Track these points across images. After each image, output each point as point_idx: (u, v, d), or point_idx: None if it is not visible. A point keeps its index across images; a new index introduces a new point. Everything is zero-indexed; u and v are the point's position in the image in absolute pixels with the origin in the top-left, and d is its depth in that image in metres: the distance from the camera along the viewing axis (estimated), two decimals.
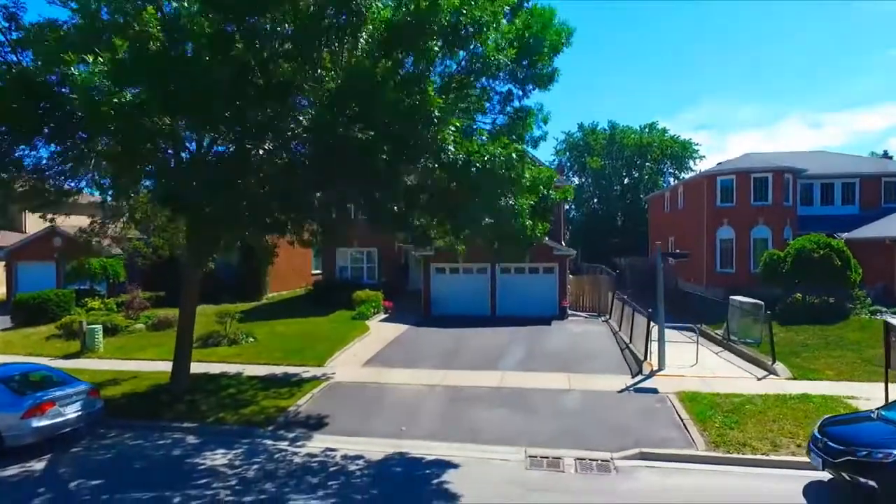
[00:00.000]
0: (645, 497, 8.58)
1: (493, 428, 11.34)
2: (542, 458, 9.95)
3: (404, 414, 12.23)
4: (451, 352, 17.82)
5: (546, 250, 24.07)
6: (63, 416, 10.47)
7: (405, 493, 8.59)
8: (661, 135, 54.97)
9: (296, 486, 8.89)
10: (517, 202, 8.88)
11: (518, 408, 12.46)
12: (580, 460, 9.82)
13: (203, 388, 13.81)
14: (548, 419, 11.75)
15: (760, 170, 26.21)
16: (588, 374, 14.97)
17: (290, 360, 16.63)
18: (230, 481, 9.11)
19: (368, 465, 9.71)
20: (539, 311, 23.56)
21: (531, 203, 9.37)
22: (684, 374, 14.71)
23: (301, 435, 11.22)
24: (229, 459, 10.04)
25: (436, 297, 24.86)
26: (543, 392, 13.51)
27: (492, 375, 14.96)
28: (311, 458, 10.06)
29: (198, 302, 14.53)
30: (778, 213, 25.99)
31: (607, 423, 11.39)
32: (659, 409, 12.22)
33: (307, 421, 11.98)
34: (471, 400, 13.08)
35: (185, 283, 13.76)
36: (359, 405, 12.91)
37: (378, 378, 14.93)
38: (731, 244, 26.68)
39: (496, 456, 10.07)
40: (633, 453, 10.05)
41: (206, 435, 11.32)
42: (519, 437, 10.78)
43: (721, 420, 11.17)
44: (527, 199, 9.21)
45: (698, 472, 9.38)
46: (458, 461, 9.82)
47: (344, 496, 8.47)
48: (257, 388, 13.99)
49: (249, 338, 19.27)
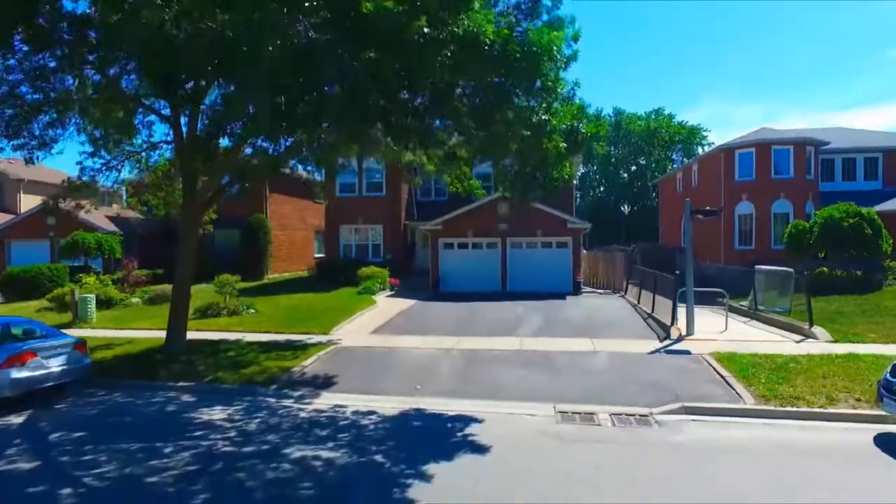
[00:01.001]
0: (700, 447, 7.61)
1: (516, 386, 10.38)
2: (574, 413, 8.98)
3: (418, 374, 11.27)
4: (463, 321, 16.85)
5: (559, 223, 23.11)
6: (45, 370, 9.53)
7: (427, 445, 7.61)
8: (668, 121, 54.00)
9: (302, 437, 7.93)
10: (551, 119, 7.91)
11: (541, 368, 11.49)
12: (616, 415, 8.85)
13: (200, 351, 12.85)
14: (575, 378, 10.78)
15: (781, 141, 25.21)
16: (612, 339, 14.01)
17: (294, 329, 15.66)
18: (229, 433, 8.15)
19: (383, 420, 8.75)
20: (552, 287, 22.58)
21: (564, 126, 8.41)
22: (716, 339, 13.73)
23: (307, 393, 10.26)
24: (228, 414, 9.08)
25: (444, 273, 23.88)
26: (567, 354, 12.55)
27: (510, 341, 13.99)
28: (318, 414, 9.10)
29: (195, 265, 13.54)
30: (800, 187, 24.99)
31: (641, 381, 10.41)
32: (695, 368, 11.23)
33: (313, 380, 11.02)
34: (489, 361, 12.11)
35: (181, 244, 12.81)
36: (368, 367, 11.95)
37: (387, 343, 13.97)
38: (750, 220, 25.68)
39: (523, 411, 9.11)
40: (675, 408, 9.08)
41: (202, 393, 10.38)
42: (546, 395, 9.83)
43: (766, 377, 10.20)
44: (559, 121, 8.25)
45: (750, 426, 8.40)
46: (482, 416, 8.86)
47: (357, 448, 7.50)
48: (258, 352, 13.02)
49: (250, 309, 18.32)
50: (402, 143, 8.29)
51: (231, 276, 18.42)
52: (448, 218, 23.80)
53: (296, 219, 33.43)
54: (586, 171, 57.05)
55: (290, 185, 31.94)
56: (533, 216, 23.17)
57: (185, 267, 12.82)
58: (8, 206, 34.59)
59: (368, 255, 27.01)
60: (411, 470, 6.65)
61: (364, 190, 27.09)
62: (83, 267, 24.15)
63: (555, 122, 8.04)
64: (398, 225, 27.01)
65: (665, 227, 38.63)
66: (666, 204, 39.00)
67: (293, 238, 33.11)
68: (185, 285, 12.75)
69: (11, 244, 28.04)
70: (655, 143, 53.35)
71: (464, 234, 23.86)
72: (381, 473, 6.65)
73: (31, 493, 6.15)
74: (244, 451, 7.37)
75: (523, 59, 6.74)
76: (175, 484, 6.32)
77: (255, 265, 28.14)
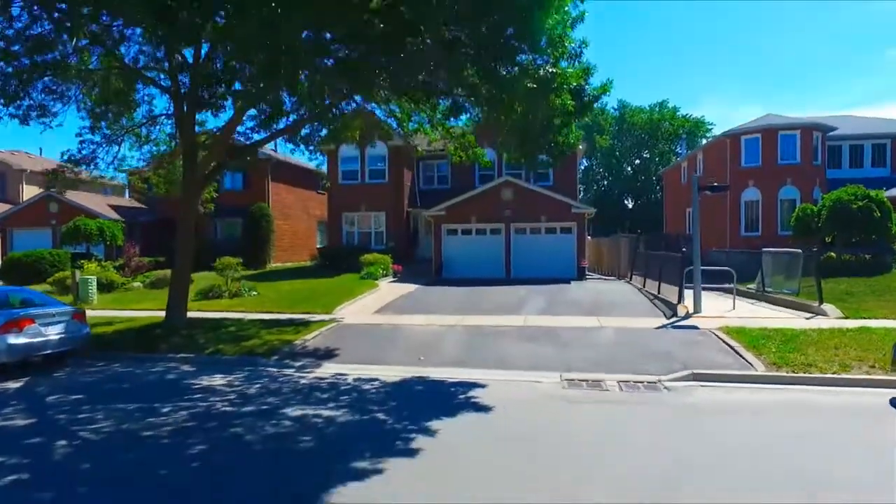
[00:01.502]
0: (710, 407, 7.42)
1: (521, 357, 10.20)
2: (581, 380, 8.79)
3: (421, 347, 11.10)
4: (467, 303, 16.66)
5: (563, 208, 22.91)
6: (43, 337, 9.40)
7: (430, 406, 7.43)
8: (673, 113, 53.67)
9: (303, 399, 7.77)
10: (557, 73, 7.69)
11: (547, 341, 11.30)
12: (624, 382, 8.65)
13: (201, 327, 12.71)
14: (581, 350, 10.58)
15: (787, 126, 24.93)
16: (619, 317, 13.81)
17: (295, 309, 15.50)
18: (229, 396, 7.99)
19: (385, 385, 8.58)
20: (556, 273, 22.36)
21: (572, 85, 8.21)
22: (724, 316, 13.51)
23: (309, 363, 10.10)
24: (228, 381, 8.93)
25: (447, 259, 23.71)
26: (573, 329, 12.36)
27: (514, 318, 13.80)
28: (319, 381, 8.94)
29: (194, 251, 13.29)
30: (807, 173, 24.71)
31: (648, 352, 10.20)
32: (703, 340, 11.03)
33: (315, 352, 10.86)
34: (494, 336, 11.93)
35: (181, 218, 12.66)
36: (371, 341, 11.79)
37: (390, 321, 13.80)
38: (756, 206, 25.42)
39: (528, 379, 8.92)
40: (684, 374, 8.88)
41: (203, 364, 10.24)
42: (552, 365, 9.64)
43: (777, 347, 9.98)
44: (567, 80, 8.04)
45: (761, 391, 8.20)
46: (486, 383, 8.67)
47: (359, 408, 7.33)
48: (260, 328, 12.87)
49: (252, 292, 18.19)
50: (406, 88, 8.05)
51: (233, 259, 18.27)
52: (451, 204, 23.63)
53: (299, 209, 33.31)
54: (590, 165, 56.78)
55: (293, 176, 31.86)
56: (537, 201, 23.02)
57: (184, 241, 12.68)
58: (11, 198, 34.60)
59: (371, 242, 26.84)
60: (414, 426, 6.48)
61: (367, 177, 26.92)
62: (85, 254, 24.06)
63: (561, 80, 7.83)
64: (401, 212, 26.84)
65: (670, 217, 38.36)
66: (671, 194, 38.73)
67: (296, 228, 32.98)
68: (186, 260, 12.61)
69: (13, 233, 28.00)
70: (659, 136, 53.03)
71: (467, 220, 23.68)
72: (383, 429, 6.48)
73: (28, 444, 6.01)
74: (243, 411, 7.21)
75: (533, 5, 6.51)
76: (170, 437, 6.17)
77: (257, 254, 27.98)
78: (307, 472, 5.22)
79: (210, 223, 29.72)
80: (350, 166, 27.03)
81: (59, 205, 27.01)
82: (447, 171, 28.87)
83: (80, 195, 26.97)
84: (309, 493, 4.66)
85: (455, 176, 28.27)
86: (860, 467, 5.23)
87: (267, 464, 5.40)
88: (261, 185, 29.34)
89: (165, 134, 14.07)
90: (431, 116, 11.36)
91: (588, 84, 9.31)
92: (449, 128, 11.73)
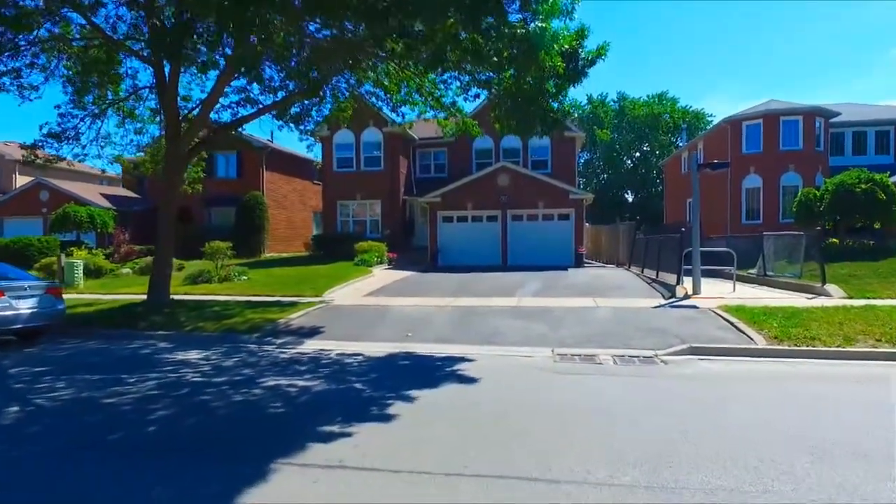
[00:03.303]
0: (707, 377, 7.03)
1: (512, 333, 9.81)
2: (573, 355, 8.40)
3: (410, 325, 10.72)
4: (461, 287, 16.26)
5: (561, 194, 22.50)
6: (14, 311, 9.02)
7: (412, 377, 7.05)
8: (672, 104, 53.14)
9: (279, 371, 7.38)
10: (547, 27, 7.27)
11: (540, 319, 10.90)
12: (619, 356, 8.26)
13: (184, 306, 12.36)
14: (575, 326, 10.18)
15: (790, 111, 24.47)
16: (615, 299, 13.41)
17: (285, 293, 15.11)
18: (202, 368, 7.62)
19: (368, 360, 8.19)
20: (554, 261, 21.96)
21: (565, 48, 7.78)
22: (723, 297, 13.10)
23: (291, 340, 9.72)
24: (205, 356, 8.55)
25: (443, 246, 23.31)
26: (567, 309, 11.96)
27: (508, 300, 13.40)
28: (300, 355, 8.56)
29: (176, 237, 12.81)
30: (809, 159, 24.27)
31: (645, 329, 9.80)
32: (701, 318, 10.62)
33: (298, 331, 10.47)
34: (486, 314, 11.54)
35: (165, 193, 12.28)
36: (359, 320, 11.41)
37: (381, 303, 13.42)
38: (758, 193, 24.98)
39: (518, 354, 8.53)
40: (681, 348, 8.48)
41: (181, 341, 9.85)
42: (544, 341, 9.25)
43: (778, 322, 9.57)
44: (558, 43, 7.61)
45: (764, 363, 7.80)
46: (474, 357, 8.29)
47: (337, 378, 6.95)
48: (245, 308, 12.49)
49: (242, 276, 17.80)
50: (383, 37, 7.60)
51: (222, 244, 17.89)
52: (447, 190, 23.22)
53: (295, 199, 32.92)
54: (590, 159, 56.29)
55: (289, 165, 31.45)
56: (534, 187, 22.60)
57: (167, 217, 12.30)
58: (4, 187, 34.26)
59: (367, 230, 26.45)
60: (392, 394, 6.09)
61: (362, 164, 26.51)
62: (75, 241, 23.69)
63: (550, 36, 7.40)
64: (397, 200, 26.43)
65: (670, 209, 37.95)
66: (671, 186, 38.29)
67: (292, 218, 32.59)
68: (169, 236, 12.23)
69: (4, 221, 27.64)
70: (659, 128, 52.50)
71: (463, 207, 23.27)
72: (360, 397, 6.09)
73: None
74: (214, 381, 6.83)
75: None
76: (133, 404, 5.79)
77: (251, 243, 27.58)
78: (271, 435, 4.83)
79: (203, 211, 29.37)
80: (345, 153, 26.63)
81: (51, 193, 26.65)
82: (444, 159, 28.46)
83: (72, 184, 26.64)
84: (267, 454, 4.26)
85: (452, 163, 27.86)
86: (867, 428, 4.83)
87: (228, 428, 5.02)
88: (255, 173, 28.94)
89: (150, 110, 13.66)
90: (420, 85, 10.94)
91: (583, 47, 8.89)
92: (438, 97, 11.32)
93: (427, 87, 10.94)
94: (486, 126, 28.00)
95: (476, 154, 27.80)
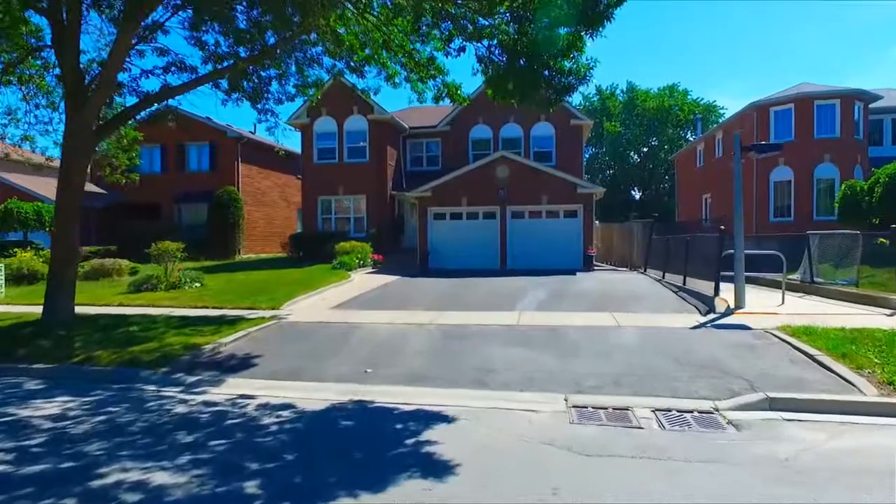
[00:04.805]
0: (828, 470, 4.38)
1: (510, 368, 7.19)
2: (597, 408, 5.80)
3: (375, 353, 8.11)
4: (450, 297, 13.66)
5: (567, 188, 19.84)
6: None
7: (350, 460, 4.45)
8: (683, 97, 50.41)
9: (151, 444, 4.78)
10: None
11: (547, 346, 8.28)
12: (663, 412, 5.66)
13: (92, 325, 9.74)
14: (594, 358, 7.56)
15: (825, 95, 21.75)
16: (639, 314, 10.78)
17: (237, 304, 12.52)
18: (33, 437, 5.00)
19: (299, 417, 5.59)
20: (559, 263, 19.34)
21: None
22: (776, 313, 10.49)
23: (208, 379, 7.11)
24: (66, 409, 5.94)
25: (434, 247, 20.67)
26: (581, 329, 9.33)
27: (505, 315, 10.78)
28: (205, 408, 5.95)
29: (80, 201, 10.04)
30: (847, 148, 21.57)
31: (689, 362, 7.19)
32: (762, 344, 8.00)
33: (225, 362, 7.86)
34: (475, 338, 8.92)
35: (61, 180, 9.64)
36: (310, 345, 8.80)
37: (348, 319, 10.80)
38: (788, 187, 22.30)
39: (518, 405, 5.93)
40: (753, 400, 5.86)
41: (58, 379, 7.26)
42: (553, 380, 6.66)
43: (877, 356, 6.96)
44: None
45: (887, 429, 5.18)
46: (455, 413, 5.69)
47: (229, 465, 4.35)
48: (172, 328, 9.87)
49: (195, 283, 15.21)
50: None
51: (173, 244, 15.29)
52: (439, 184, 20.58)
53: (275, 195, 30.31)
54: (595, 154, 53.56)
55: (269, 158, 28.73)
56: (537, 180, 19.98)
57: (66, 207, 9.67)
58: None
59: (351, 229, 23.83)
60: None
61: (345, 156, 23.87)
62: (22, 242, 21.09)
63: None
64: (384, 195, 23.79)
65: (683, 205, 35.28)
66: (684, 180, 35.61)
67: (272, 216, 29.99)
68: (67, 238, 9.63)
69: None
70: (669, 122, 49.74)
71: (457, 203, 20.62)
72: None
73: None
74: (22, 473, 4.21)
75: None
76: None
77: (224, 243, 25.00)
78: None
79: (171, 208, 26.78)
80: (326, 143, 23.99)
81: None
82: (437, 151, 25.84)
83: (22, 177, 24.00)
84: None
85: (446, 155, 25.25)
86: None
87: None
88: (230, 166, 26.33)
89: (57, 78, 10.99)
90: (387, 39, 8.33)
91: None
92: (411, 50, 8.70)
93: (397, 40, 8.34)
94: (484, 114, 25.53)
95: (472, 145, 25.19)
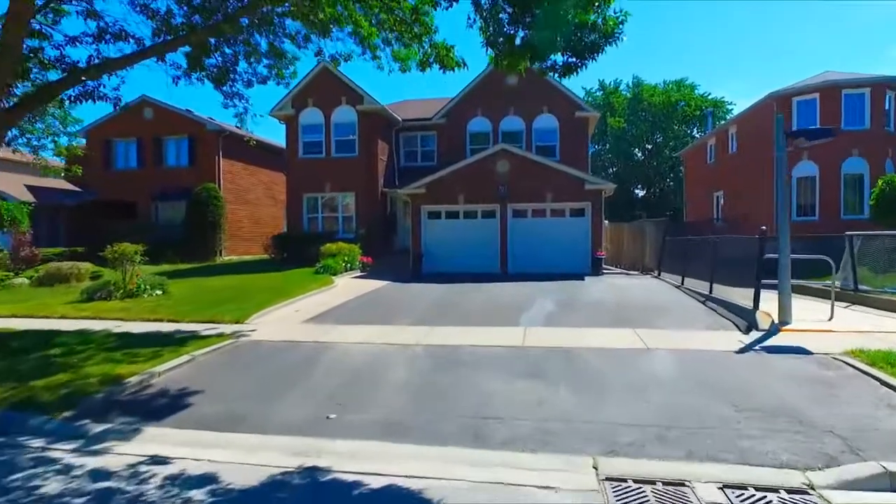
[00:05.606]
0: None
1: (515, 417, 5.46)
2: (640, 480, 4.10)
3: (344, 387, 6.39)
4: (445, 305, 11.95)
5: (574, 184, 18.12)
6: None
7: None
8: (690, 91, 48.69)
9: None
10: None
11: (562, 378, 6.55)
12: (736, 490, 3.94)
13: (2, 346, 7.99)
14: (626, 399, 5.83)
15: (853, 83, 20.04)
16: (667, 330, 9.07)
17: (197, 317, 10.80)
18: None
19: (221, 496, 3.86)
20: (565, 267, 17.63)
21: None
22: (831, 329, 8.80)
23: (119, 428, 5.38)
24: None
25: (428, 249, 18.94)
26: (604, 353, 7.61)
27: (508, 333, 9.05)
28: (87, 483, 4.22)
29: None
30: (878, 141, 19.87)
31: (751, 406, 5.47)
32: (835, 378, 6.28)
33: (151, 401, 6.13)
34: (471, 366, 7.19)
35: None
36: (267, 373, 7.07)
37: (321, 337, 9.07)
38: (812, 184, 20.60)
39: (527, 478, 4.21)
40: (864, 475, 4.13)
41: None
42: (575, 437, 4.94)
43: None
44: None
45: None
46: (441, 494, 3.97)
47: None
48: (107, 349, 8.15)
49: (156, 290, 13.48)
50: None
51: (131, 247, 13.54)
52: (433, 179, 18.85)
53: (261, 193, 28.55)
54: (598, 150, 51.82)
55: (254, 154, 26.94)
56: (541, 175, 18.25)
57: None
58: None
59: (340, 229, 22.10)
60: None
61: (333, 150, 22.11)
62: None
63: None
64: (375, 193, 22.05)
65: (691, 204, 33.61)
66: (693, 178, 33.92)
67: (258, 215, 28.23)
68: None
69: None
70: (675, 118, 48.01)
71: (454, 201, 18.89)
72: None
73: None
74: None
75: None
76: None
77: (204, 244, 23.27)
78: None
79: (149, 206, 25.02)
80: (312, 136, 22.24)
81: None
82: (433, 145, 24.10)
83: None
84: None
85: (442, 149, 23.50)
86: None
87: None
88: (210, 161, 24.57)
89: None
90: None
91: None
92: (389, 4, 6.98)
93: None
94: (483, 105, 23.81)
95: (470, 138, 23.46)
